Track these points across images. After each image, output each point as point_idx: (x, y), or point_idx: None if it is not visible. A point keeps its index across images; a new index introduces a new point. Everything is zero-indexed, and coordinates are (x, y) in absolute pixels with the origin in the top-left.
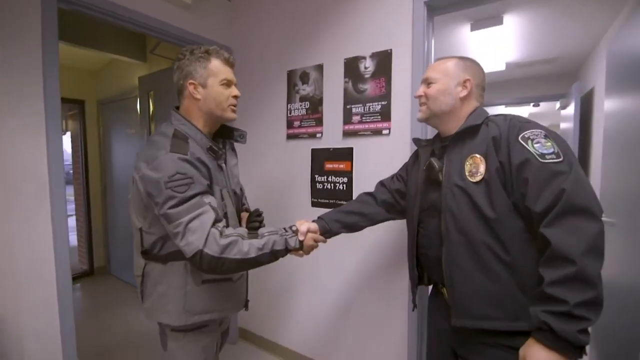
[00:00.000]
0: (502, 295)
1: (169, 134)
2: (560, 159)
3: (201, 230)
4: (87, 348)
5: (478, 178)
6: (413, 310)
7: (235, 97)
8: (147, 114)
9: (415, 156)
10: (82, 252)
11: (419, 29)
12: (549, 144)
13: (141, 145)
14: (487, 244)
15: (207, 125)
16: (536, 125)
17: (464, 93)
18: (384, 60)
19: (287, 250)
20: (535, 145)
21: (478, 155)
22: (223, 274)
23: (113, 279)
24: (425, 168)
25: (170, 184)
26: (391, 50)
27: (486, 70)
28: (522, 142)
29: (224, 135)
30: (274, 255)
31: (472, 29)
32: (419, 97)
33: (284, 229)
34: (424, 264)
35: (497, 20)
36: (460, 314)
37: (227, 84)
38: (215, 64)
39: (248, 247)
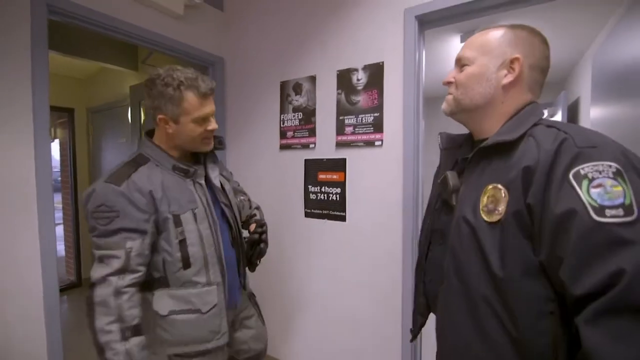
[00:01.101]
0: None
1: (126, 160)
2: (631, 218)
3: (106, 269)
4: None
5: (495, 218)
6: (411, 341)
7: (212, 130)
8: (139, 123)
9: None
10: (69, 263)
11: (410, 42)
12: (619, 188)
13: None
14: (491, 305)
15: (180, 153)
16: (608, 153)
17: (509, 79)
18: (376, 72)
19: None
20: (593, 191)
21: (501, 187)
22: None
23: None
24: (440, 182)
25: (95, 214)
26: (383, 62)
27: None
28: (573, 181)
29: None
30: (99, 352)
31: (462, 40)
32: (448, 83)
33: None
34: (427, 293)
35: None
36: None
37: (202, 121)
38: (189, 99)
39: (107, 331)
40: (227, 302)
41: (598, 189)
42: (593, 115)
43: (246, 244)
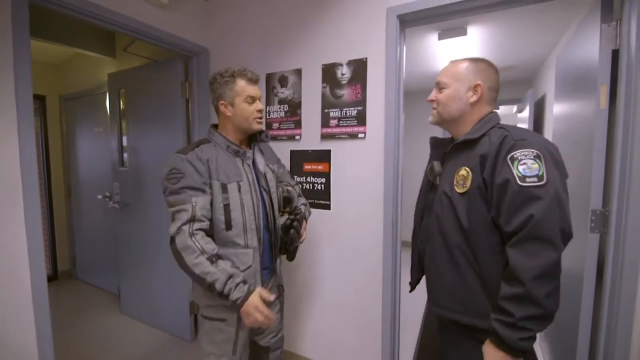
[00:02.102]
0: (467, 295)
1: (194, 142)
2: (541, 183)
3: (178, 222)
4: (63, 358)
5: (463, 190)
6: (410, 291)
7: (260, 111)
8: (118, 111)
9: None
10: (45, 256)
11: (392, 40)
12: (536, 165)
13: (109, 143)
14: (462, 249)
15: (238, 135)
16: (533, 144)
17: (474, 98)
18: (359, 67)
19: (223, 296)
20: (520, 167)
21: (467, 169)
22: (180, 267)
23: (80, 283)
24: (428, 169)
25: (168, 176)
26: (366, 58)
27: None
28: (509, 162)
29: (253, 140)
30: (210, 288)
31: (440, 38)
32: (431, 101)
33: (244, 281)
34: (420, 253)
35: (461, 31)
36: (433, 302)
37: (251, 100)
38: (240, 84)
39: (198, 263)
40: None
41: (523, 166)
42: (556, 110)
43: (281, 230)
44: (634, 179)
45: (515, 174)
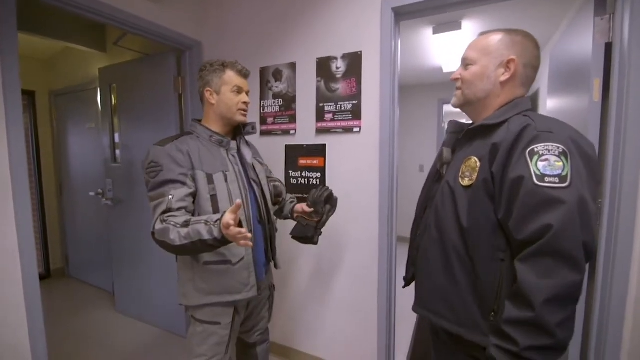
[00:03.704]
0: (456, 301)
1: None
2: (564, 185)
3: (155, 216)
4: (57, 356)
5: (469, 183)
6: (403, 287)
7: (245, 103)
8: (110, 107)
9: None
10: (37, 254)
11: (387, 33)
12: (560, 163)
13: (101, 139)
14: (458, 252)
15: (220, 126)
16: (560, 138)
17: (506, 77)
18: (354, 61)
19: (217, 241)
20: (540, 164)
21: (476, 159)
22: (173, 254)
23: (73, 281)
24: (438, 156)
25: (147, 170)
26: (361, 52)
27: (447, 70)
28: (527, 156)
29: (238, 133)
30: (204, 245)
31: (434, 32)
32: (455, 80)
33: (219, 218)
34: (417, 246)
35: (456, 25)
36: (419, 303)
37: (238, 91)
38: (229, 74)
39: (174, 235)
40: (255, 260)
41: (544, 162)
42: (549, 106)
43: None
44: (627, 171)
45: (532, 171)
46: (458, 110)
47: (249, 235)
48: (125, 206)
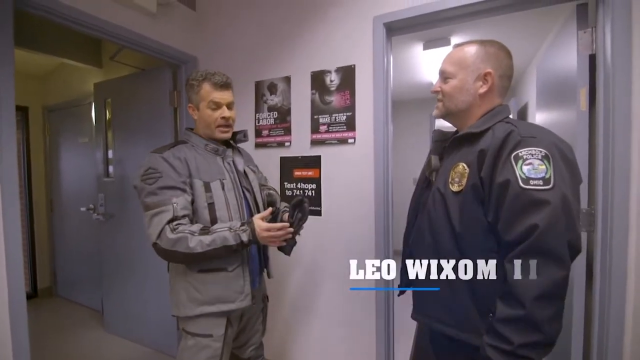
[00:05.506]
0: (455, 305)
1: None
2: (548, 187)
3: (158, 226)
4: None
5: (457, 188)
6: (398, 295)
7: (224, 118)
8: (104, 121)
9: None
10: (25, 273)
11: (379, 47)
12: (543, 167)
13: (94, 154)
14: (452, 254)
15: (210, 138)
16: (542, 142)
17: (484, 89)
18: (348, 74)
19: (242, 244)
20: (524, 168)
21: (463, 165)
22: (182, 263)
23: (61, 300)
24: (426, 163)
25: (144, 177)
26: (354, 65)
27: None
28: (512, 161)
29: (230, 141)
30: (228, 250)
31: (425, 48)
32: (435, 92)
33: (242, 223)
34: (411, 254)
35: (445, 41)
36: (417, 309)
37: (215, 106)
38: (206, 88)
39: (195, 243)
40: (250, 268)
41: (528, 166)
42: (538, 119)
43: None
44: (617, 177)
45: (518, 175)
46: (448, 124)
47: (291, 230)
48: (117, 221)
